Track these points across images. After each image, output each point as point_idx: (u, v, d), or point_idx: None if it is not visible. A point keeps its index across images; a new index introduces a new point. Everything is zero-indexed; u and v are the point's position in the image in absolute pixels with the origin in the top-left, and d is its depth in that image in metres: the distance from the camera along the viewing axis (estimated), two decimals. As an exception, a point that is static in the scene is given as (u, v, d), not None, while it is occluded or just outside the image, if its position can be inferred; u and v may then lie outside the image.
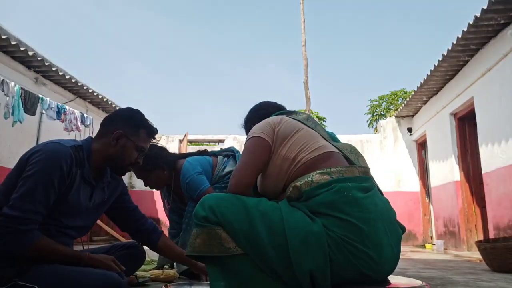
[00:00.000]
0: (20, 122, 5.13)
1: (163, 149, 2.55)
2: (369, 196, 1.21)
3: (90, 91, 7.15)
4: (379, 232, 1.15)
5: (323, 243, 1.10)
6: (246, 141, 1.38)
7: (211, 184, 2.48)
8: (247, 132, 1.72)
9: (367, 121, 14.83)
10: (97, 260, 1.43)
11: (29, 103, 5.31)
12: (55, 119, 5.77)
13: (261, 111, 1.68)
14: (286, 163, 1.29)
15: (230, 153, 2.67)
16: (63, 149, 1.39)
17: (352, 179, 1.23)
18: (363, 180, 1.27)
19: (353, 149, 1.45)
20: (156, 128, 1.65)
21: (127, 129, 1.54)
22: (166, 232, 2.42)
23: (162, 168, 2.47)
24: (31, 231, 1.30)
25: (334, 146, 1.37)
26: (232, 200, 1.20)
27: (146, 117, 1.64)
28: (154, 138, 1.70)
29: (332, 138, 1.47)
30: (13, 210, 1.27)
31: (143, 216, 1.79)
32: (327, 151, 1.31)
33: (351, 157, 1.38)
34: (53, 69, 6.06)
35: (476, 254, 4.86)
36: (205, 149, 2.71)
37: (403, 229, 1.30)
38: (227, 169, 2.54)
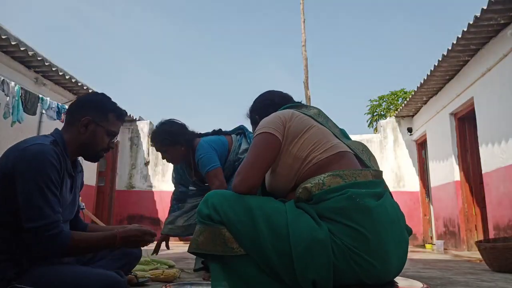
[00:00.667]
0: (19, 122, 5.13)
1: (184, 126, 2.63)
2: (381, 204, 1.16)
3: (90, 91, 7.15)
4: (388, 242, 1.12)
5: (328, 252, 1.06)
6: (255, 136, 1.32)
7: (228, 160, 2.60)
8: (252, 123, 1.67)
9: (367, 121, 14.81)
10: (129, 234, 1.44)
11: (29, 103, 5.32)
12: (55, 119, 5.78)
13: (266, 101, 1.61)
14: (297, 163, 1.24)
15: (240, 131, 2.78)
16: (47, 148, 1.36)
17: (365, 183, 1.18)
18: (376, 184, 1.22)
19: (365, 148, 1.39)
20: (124, 110, 1.62)
21: (95, 114, 1.51)
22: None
23: (181, 144, 2.55)
24: (62, 232, 1.31)
25: (347, 145, 1.31)
26: (236, 200, 1.18)
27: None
28: (124, 121, 1.67)
29: (344, 135, 1.41)
30: (36, 221, 1.26)
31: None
32: (339, 151, 1.26)
33: (363, 157, 1.32)
34: (53, 69, 6.07)
35: (476, 254, 4.85)
36: (220, 129, 2.80)
37: (409, 231, 1.27)
38: (243, 147, 2.65)
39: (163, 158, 2.60)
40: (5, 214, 1.32)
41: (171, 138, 2.51)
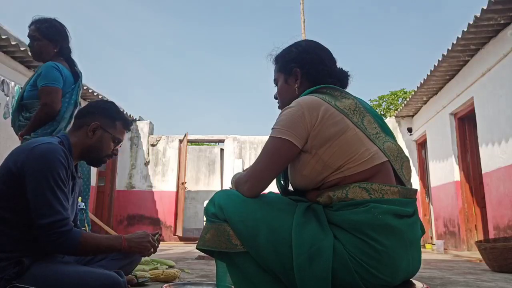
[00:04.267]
0: (20, 122, 5.13)
1: (68, 37, 2.43)
2: (404, 223, 1.11)
3: (90, 91, 7.15)
4: (400, 261, 1.09)
5: (328, 264, 1.04)
6: (270, 137, 1.19)
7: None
8: (281, 70, 1.39)
9: (367, 121, 14.78)
10: (134, 242, 1.50)
11: (29, 103, 5.31)
12: (55, 119, 5.77)
13: (312, 56, 1.34)
14: (327, 170, 1.16)
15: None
16: (56, 147, 1.39)
17: (391, 201, 1.12)
18: (404, 204, 1.14)
19: (399, 153, 1.24)
20: (130, 120, 1.67)
21: (104, 121, 1.57)
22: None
23: (55, 46, 2.35)
24: (72, 229, 1.34)
25: (383, 152, 1.20)
26: (243, 200, 1.17)
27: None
28: (129, 130, 1.74)
29: (383, 130, 1.26)
30: (48, 217, 1.29)
31: None
32: (376, 164, 1.16)
33: (396, 166, 1.21)
34: (53, 69, 6.06)
35: (476, 254, 4.86)
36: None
37: (423, 231, 1.23)
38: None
39: (29, 46, 2.36)
40: (9, 212, 1.33)
41: (51, 32, 2.32)
